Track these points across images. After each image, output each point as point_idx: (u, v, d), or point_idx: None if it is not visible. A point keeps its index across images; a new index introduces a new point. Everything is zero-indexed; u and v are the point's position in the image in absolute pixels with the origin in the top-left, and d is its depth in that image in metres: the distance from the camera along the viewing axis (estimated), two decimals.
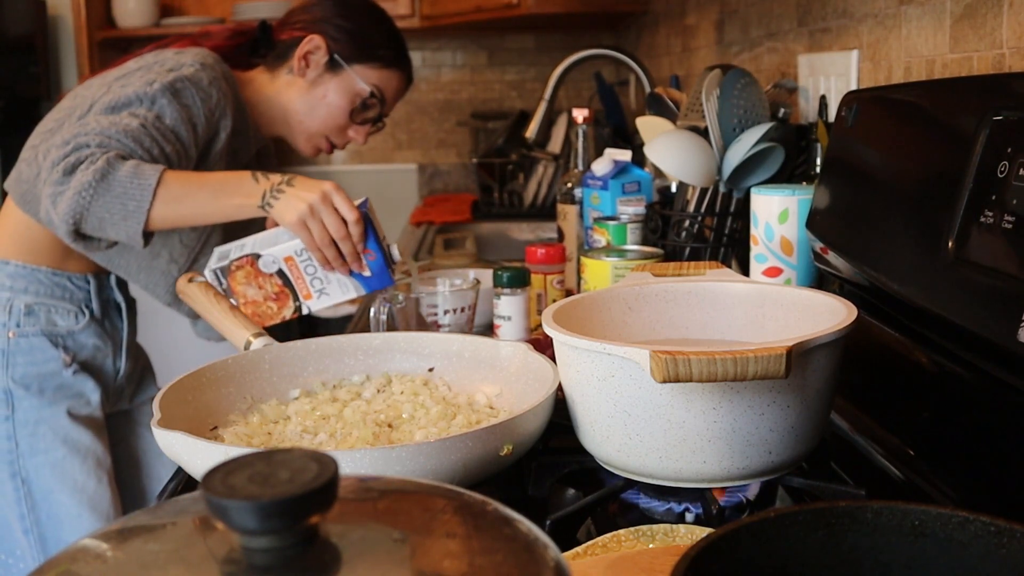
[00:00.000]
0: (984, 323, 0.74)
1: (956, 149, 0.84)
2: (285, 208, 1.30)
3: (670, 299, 0.97)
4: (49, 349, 1.51)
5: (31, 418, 1.50)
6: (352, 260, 1.31)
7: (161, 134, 1.38)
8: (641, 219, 1.49)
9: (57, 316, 1.53)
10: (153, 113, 1.38)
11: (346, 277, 1.33)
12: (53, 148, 1.35)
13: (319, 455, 0.39)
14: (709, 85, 1.37)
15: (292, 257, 1.31)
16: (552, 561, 0.39)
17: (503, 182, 2.92)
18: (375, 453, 0.72)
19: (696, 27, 2.27)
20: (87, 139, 1.32)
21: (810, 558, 0.50)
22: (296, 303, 1.32)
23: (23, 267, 1.52)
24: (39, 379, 1.50)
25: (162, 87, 1.40)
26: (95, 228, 1.33)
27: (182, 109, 1.41)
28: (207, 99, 1.44)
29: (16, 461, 1.50)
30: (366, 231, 1.31)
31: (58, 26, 3.36)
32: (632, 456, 0.78)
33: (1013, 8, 0.94)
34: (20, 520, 1.49)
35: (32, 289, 1.52)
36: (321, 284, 1.32)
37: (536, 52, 3.79)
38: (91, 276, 1.58)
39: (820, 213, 1.13)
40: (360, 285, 1.33)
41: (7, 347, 1.49)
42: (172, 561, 0.39)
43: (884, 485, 0.85)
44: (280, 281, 1.31)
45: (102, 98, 1.41)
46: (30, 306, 1.51)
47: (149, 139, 1.36)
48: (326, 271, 1.32)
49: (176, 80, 1.41)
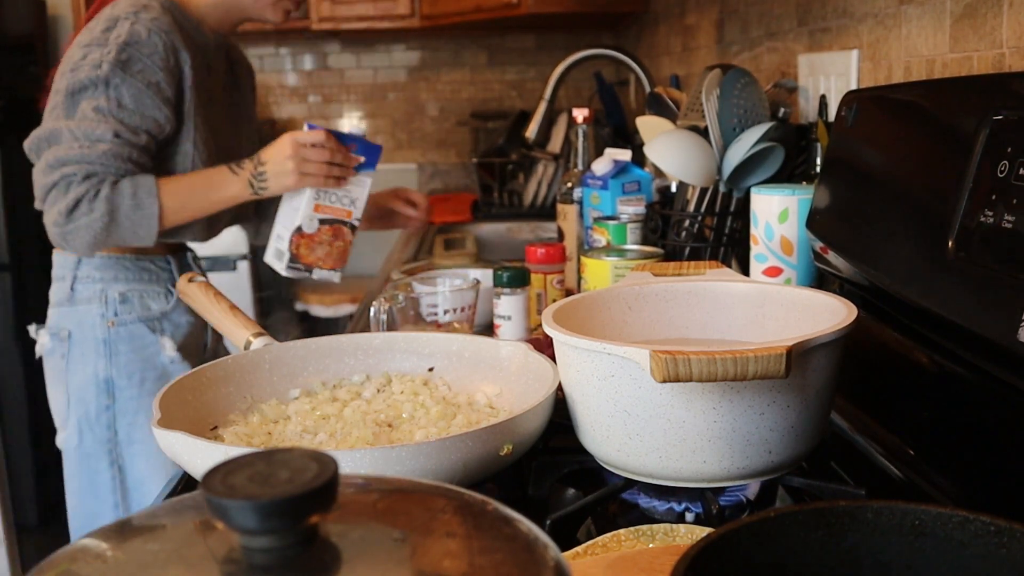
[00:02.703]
0: (984, 323, 0.74)
1: (956, 149, 0.84)
2: (277, 182, 1.49)
3: (670, 299, 0.97)
4: (148, 335, 1.58)
5: (131, 408, 1.56)
6: (348, 163, 1.52)
7: (131, 129, 1.46)
8: (641, 219, 1.49)
9: (150, 300, 1.60)
10: (113, 99, 1.45)
11: (353, 177, 1.54)
12: (39, 172, 1.45)
13: (319, 455, 0.39)
14: (709, 85, 1.37)
15: (316, 204, 1.52)
16: (552, 561, 0.39)
17: (503, 182, 2.92)
18: (375, 453, 0.72)
19: (696, 27, 2.27)
20: (72, 169, 1.42)
21: (810, 558, 0.50)
22: (348, 226, 1.56)
23: (108, 257, 1.58)
24: (140, 368, 1.56)
25: (110, 67, 1.45)
26: (111, 247, 1.51)
27: (136, 77, 1.46)
28: (154, 52, 1.48)
29: (114, 450, 1.56)
30: (336, 135, 1.51)
31: (58, 26, 3.36)
32: (632, 456, 0.78)
33: (1013, 8, 0.94)
34: (114, 509, 1.56)
35: (122, 277, 1.58)
36: (348, 197, 1.54)
37: (536, 52, 3.79)
38: (171, 256, 1.65)
39: (820, 213, 1.13)
40: (367, 172, 1.56)
41: (108, 336, 1.56)
42: (172, 561, 0.39)
43: (884, 485, 0.85)
44: (327, 226, 1.54)
45: (61, 87, 1.48)
46: (124, 294, 1.57)
47: (127, 148, 1.45)
48: (341, 187, 1.53)
49: (119, 52, 1.46)
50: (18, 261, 2.90)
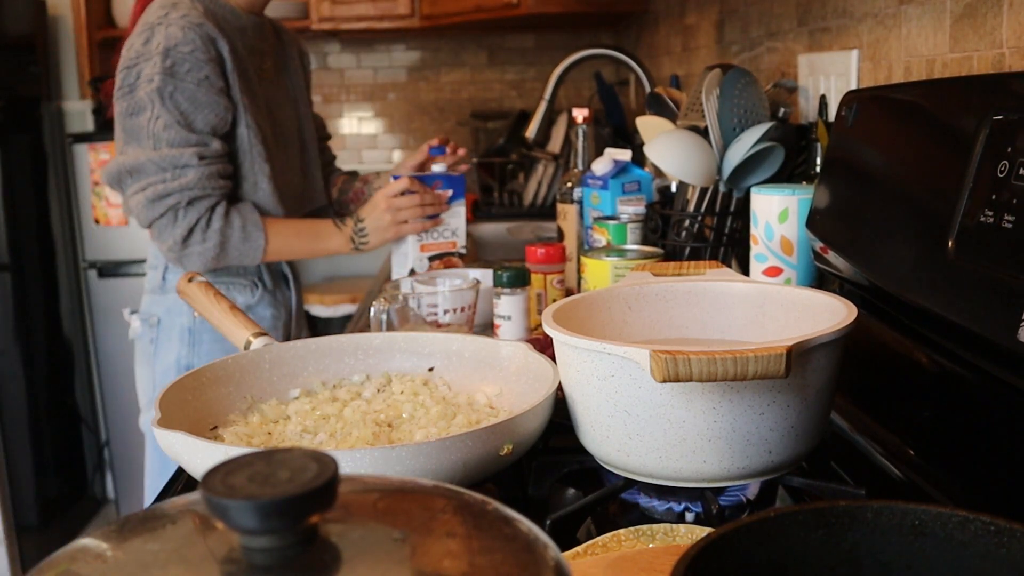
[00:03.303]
0: (984, 323, 0.74)
1: (956, 149, 0.84)
2: (377, 237, 1.61)
3: (670, 299, 0.97)
4: None
5: None
6: (437, 201, 1.61)
7: (204, 142, 1.52)
8: (641, 219, 1.49)
9: (236, 292, 1.66)
10: (173, 110, 1.50)
11: (447, 210, 1.64)
12: (140, 207, 1.53)
13: (319, 455, 0.39)
14: (709, 85, 1.37)
15: (422, 245, 1.63)
16: (552, 561, 0.39)
17: (503, 182, 2.92)
18: (375, 453, 0.72)
19: (696, 27, 2.27)
20: (175, 200, 1.51)
21: (810, 558, 0.50)
22: (456, 255, 1.66)
23: None
24: (222, 354, 1.56)
25: (161, 78, 1.49)
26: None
27: (187, 79, 1.50)
28: (194, 48, 1.51)
29: None
30: (420, 179, 1.61)
31: (58, 26, 3.36)
32: (632, 456, 0.78)
33: (1013, 8, 0.94)
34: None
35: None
36: (448, 230, 1.65)
37: (536, 52, 3.79)
38: None
39: (820, 213, 1.13)
40: (458, 202, 1.66)
41: (193, 325, 1.62)
42: (172, 561, 0.39)
43: (884, 485, 0.85)
44: (437, 260, 1.65)
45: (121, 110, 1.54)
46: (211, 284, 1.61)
47: (212, 164, 1.53)
48: (438, 225, 1.63)
49: (163, 60, 1.49)
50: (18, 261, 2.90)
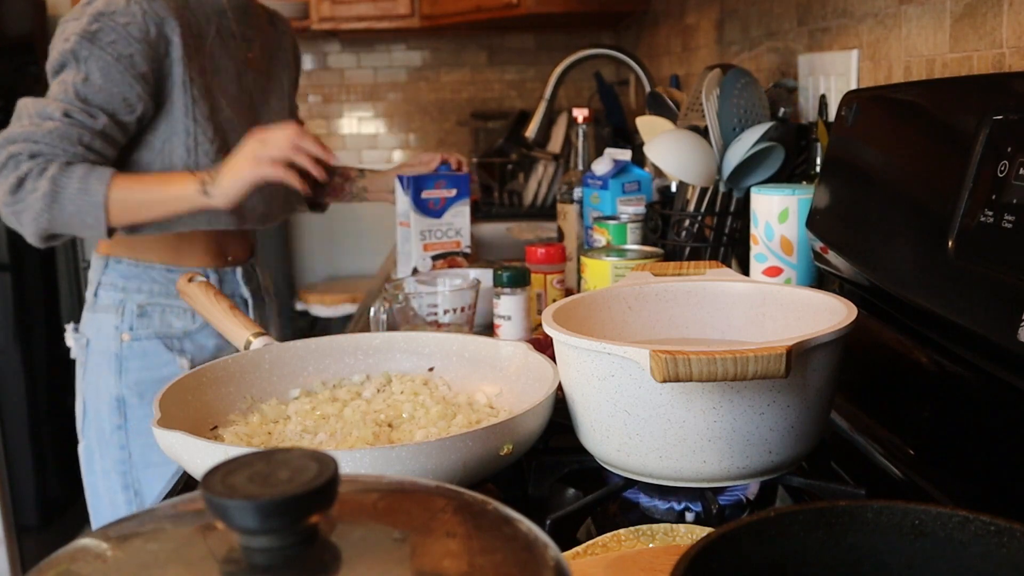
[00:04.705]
0: (984, 323, 0.74)
1: (956, 149, 0.84)
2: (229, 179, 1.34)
3: (670, 299, 0.97)
4: (164, 353, 1.45)
5: (145, 427, 1.42)
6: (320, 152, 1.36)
7: (87, 109, 1.33)
8: (641, 219, 1.49)
9: (173, 316, 1.46)
10: (81, 75, 1.34)
11: (451, 208, 1.63)
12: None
13: (319, 455, 0.39)
14: (709, 85, 1.37)
15: (424, 244, 1.61)
16: (552, 561, 0.39)
17: (503, 182, 2.92)
18: (375, 453, 0.72)
19: (696, 27, 2.27)
20: (18, 148, 1.32)
21: (810, 558, 0.50)
22: (461, 254, 1.65)
23: (135, 265, 1.47)
24: (154, 385, 1.43)
25: (78, 39, 1.34)
26: (63, 234, 1.37)
27: (106, 50, 1.34)
28: (130, 22, 1.35)
29: (129, 472, 1.45)
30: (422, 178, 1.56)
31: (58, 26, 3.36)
32: (632, 455, 0.78)
33: (1013, 8, 0.94)
34: None
35: (146, 288, 1.46)
36: (452, 229, 1.65)
37: (536, 52, 3.79)
38: (211, 270, 1.51)
39: (820, 213, 1.13)
40: (463, 201, 1.66)
41: (120, 351, 1.44)
42: (172, 561, 0.39)
43: (884, 485, 0.85)
44: (441, 259, 1.63)
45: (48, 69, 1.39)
46: (143, 307, 1.45)
47: (76, 129, 1.33)
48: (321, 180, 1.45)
49: (89, 23, 1.35)
50: (18, 261, 2.90)
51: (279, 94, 1.63)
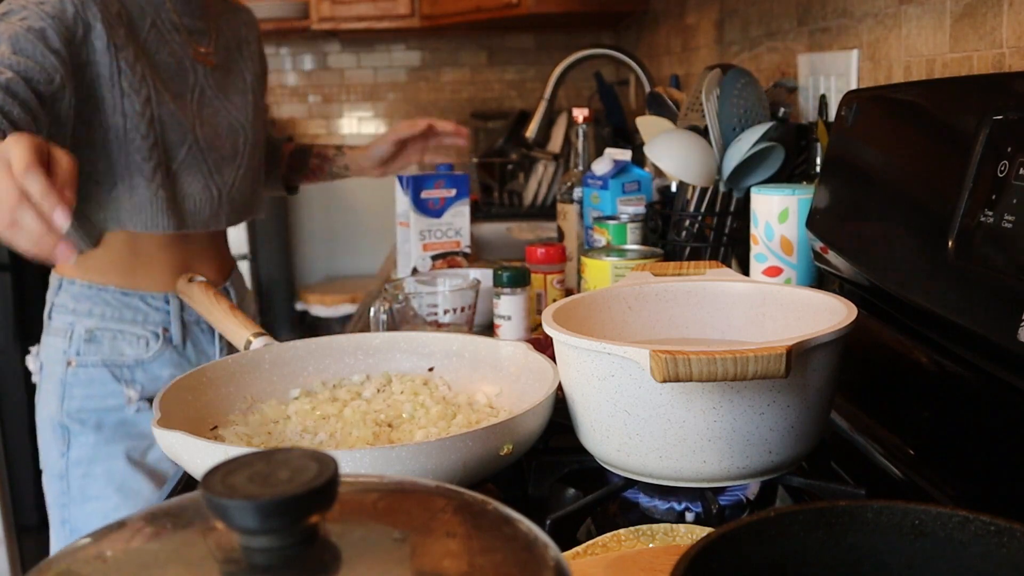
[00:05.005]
0: (984, 323, 0.74)
1: (956, 149, 0.84)
2: None
3: (670, 299, 0.97)
4: (110, 382, 1.35)
5: (85, 456, 1.34)
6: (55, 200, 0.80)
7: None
8: (641, 219, 1.49)
9: (124, 343, 1.36)
10: None
11: (451, 208, 1.62)
12: None
13: (319, 455, 0.39)
14: (709, 85, 1.37)
15: (424, 244, 1.61)
16: (552, 561, 0.39)
17: (503, 182, 2.92)
18: (375, 453, 0.72)
19: (696, 27, 2.27)
20: None
21: (810, 558, 0.50)
22: (461, 254, 1.65)
23: (89, 287, 1.36)
24: (97, 414, 1.35)
25: None
26: None
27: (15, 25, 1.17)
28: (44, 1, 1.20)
29: (67, 507, 1.36)
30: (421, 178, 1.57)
31: None
32: (632, 455, 0.78)
33: (1013, 8, 0.94)
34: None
35: (97, 312, 1.35)
36: (452, 229, 1.64)
37: (536, 52, 3.79)
38: (172, 295, 1.39)
39: (820, 213, 1.13)
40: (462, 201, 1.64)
41: (65, 377, 1.35)
42: (172, 561, 0.39)
43: (884, 485, 0.85)
44: (441, 259, 1.62)
45: None
46: (92, 331, 1.35)
47: None
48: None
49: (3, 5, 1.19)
50: (18, 261, 2.90)
51: (239, 88, 1.51)
